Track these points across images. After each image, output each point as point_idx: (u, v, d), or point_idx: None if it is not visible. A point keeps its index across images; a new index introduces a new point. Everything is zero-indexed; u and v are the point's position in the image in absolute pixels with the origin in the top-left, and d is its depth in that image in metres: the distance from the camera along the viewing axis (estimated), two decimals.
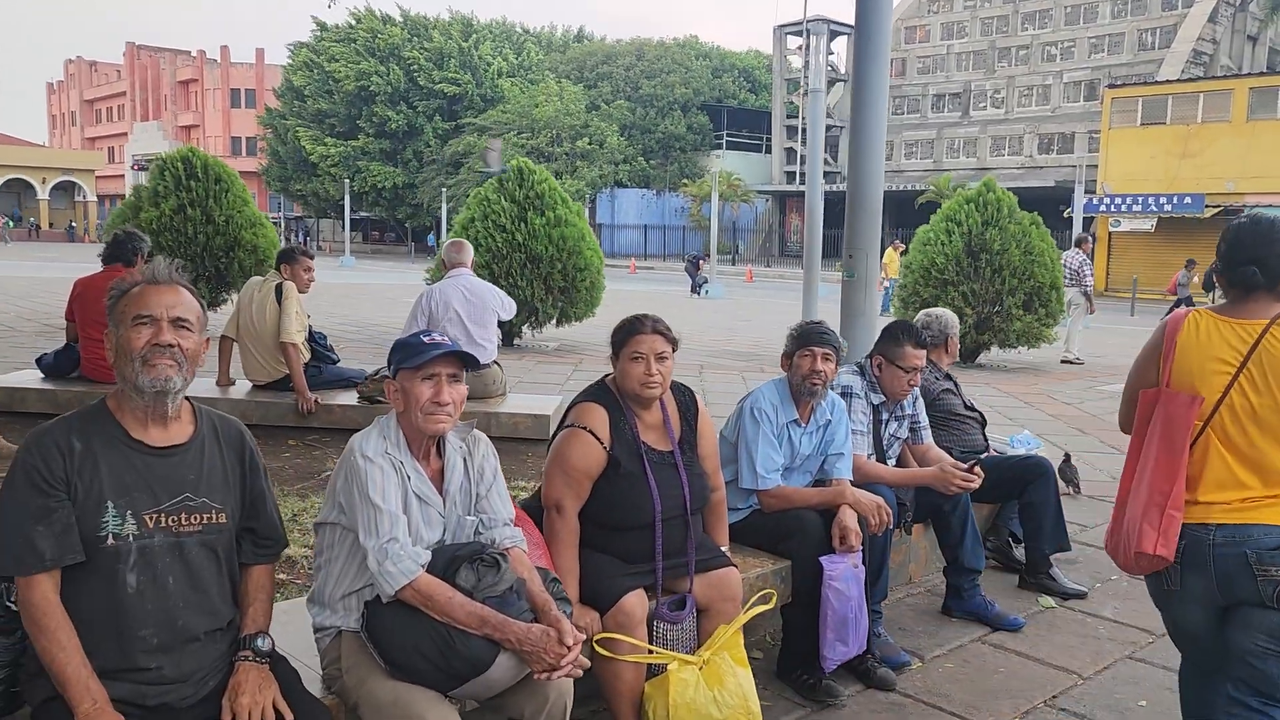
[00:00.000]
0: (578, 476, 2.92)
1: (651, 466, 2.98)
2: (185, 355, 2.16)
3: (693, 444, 3.15)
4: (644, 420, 3.05)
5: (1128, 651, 3.88)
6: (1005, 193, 12.04)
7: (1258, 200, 29.65)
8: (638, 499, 2.94)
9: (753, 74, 58.26)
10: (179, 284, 2.23)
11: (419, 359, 2.42)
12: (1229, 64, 42.61)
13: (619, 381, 3.04)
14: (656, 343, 2.97)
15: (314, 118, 52.25)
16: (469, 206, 12.10)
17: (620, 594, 2.83)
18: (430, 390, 2.41)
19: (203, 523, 2.20)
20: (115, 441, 2.15)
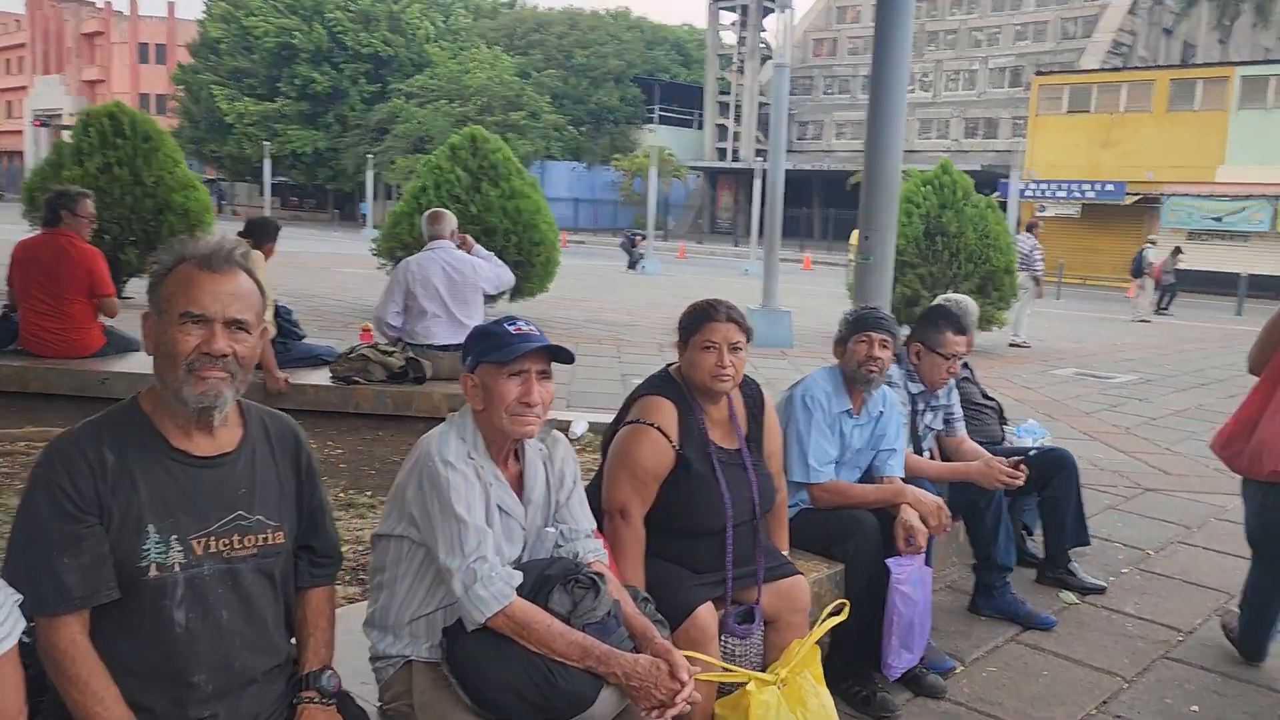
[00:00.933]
0: (646, 479, 2.66)
1: (721, 467, 2.73)
2: (240, 364, 1.81)
3: (759, 441, 2.92)
4: (711, 416, 2.80)
5: (1162, 651, 3.79)
6: (962, 175, 12.06)
7: (1174, 189, 30.64)
8: (709, 502, 2.70)
9: (685, 48, 57.93)
10: (238, 269, 1.84)
11: (506, 353, 2.10)
12: (1145, 55, 43.84)
13: (687, 372, 2.77)
14: (731, 331, 2.72)
15: (231, 75, 50.08)
16: (419, 174, 11.61)
17: (693, 606, 2.58)
18: (518, 389, 2.11)
19: (258, 544, 1.87)
20: (154, 452, 1.79)
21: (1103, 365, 11.86)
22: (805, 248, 39.29)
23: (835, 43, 53.65)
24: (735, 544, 2.73)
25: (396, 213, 11.50)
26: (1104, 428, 8.04)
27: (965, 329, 3.84)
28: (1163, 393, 10.01)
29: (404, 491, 2.15)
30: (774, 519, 3.02)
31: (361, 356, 5.53)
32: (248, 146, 49.55)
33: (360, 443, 5.07)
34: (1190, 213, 30.41)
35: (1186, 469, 6.74)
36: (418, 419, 5.56)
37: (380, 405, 5.50)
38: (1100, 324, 18.05)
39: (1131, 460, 6.92)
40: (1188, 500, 5.92)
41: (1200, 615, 4.14)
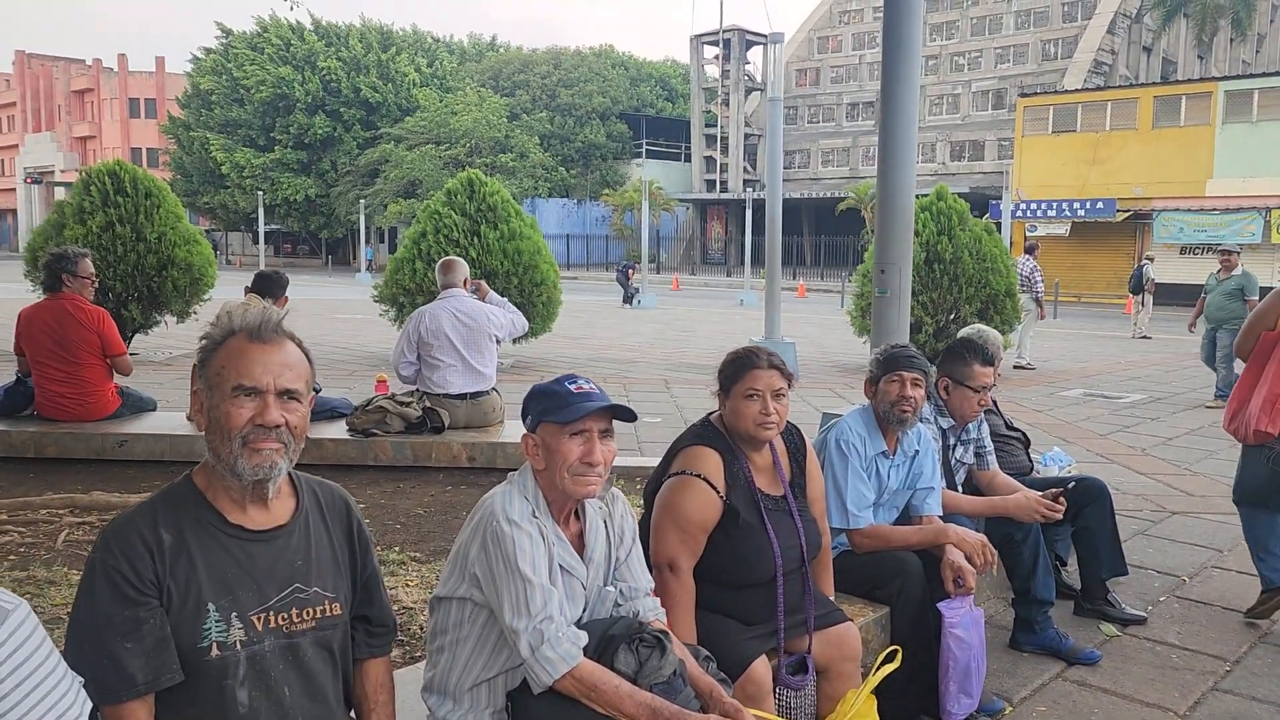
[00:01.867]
0: (694, 531, 2.62)
1: (768, 515, 2.70)
2: (293, 434, 1.80)
3: (803, 487, 2.89)
4: (755, 463, 2.78)
5: (1211, 683, 3.73)
6: (957, 200, 12.08)
7: (1164, 204, 30.83)
8: (758, 552, 2.66)
9: (669, 83, 58.49)
10: (286, 339, 1.84)
11: (569, 413, 2.08)
12: (1126, 74, 44.31)
13: (729, 421, 2.76)
14: (774, 379, 2.72)
15: (223, 126, 50.42)
16: (419, 220, 11.62)
17: (748, 660, 2.53)
18: (581, 448, 2.09)
19: (317, 617, 1.84)
20: (210, 528, 1.78)
21: (1110, 385, 11.84)
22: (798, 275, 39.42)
23: (818, 72, 54.19)
24: (785, 593, 2.68)
25: (398, 259, 11.50)
26: (1120, 450, 8.00)
27: (992, 360, 3.81)
28: (1174, 411, 9.99)
29: (467, 552, 2.11)
30: (819, 565, 2.97)
31: (379, 408, 5.48)
32: (240, 196, 49.77)
33: (382, 496, 5.00)
34: (1181, 227, 30.57)
35: (1209, 489, 6.69)
36: (438, 469, 5.51)
37: (400, 457, 5.45)
38: (1101, 342, 18.05)
39: (1154, 483, 6.88)
40: (1215, 522, 5.87)
41: (1245, 643, 4.08)
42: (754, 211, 27.60)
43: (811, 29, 55.20)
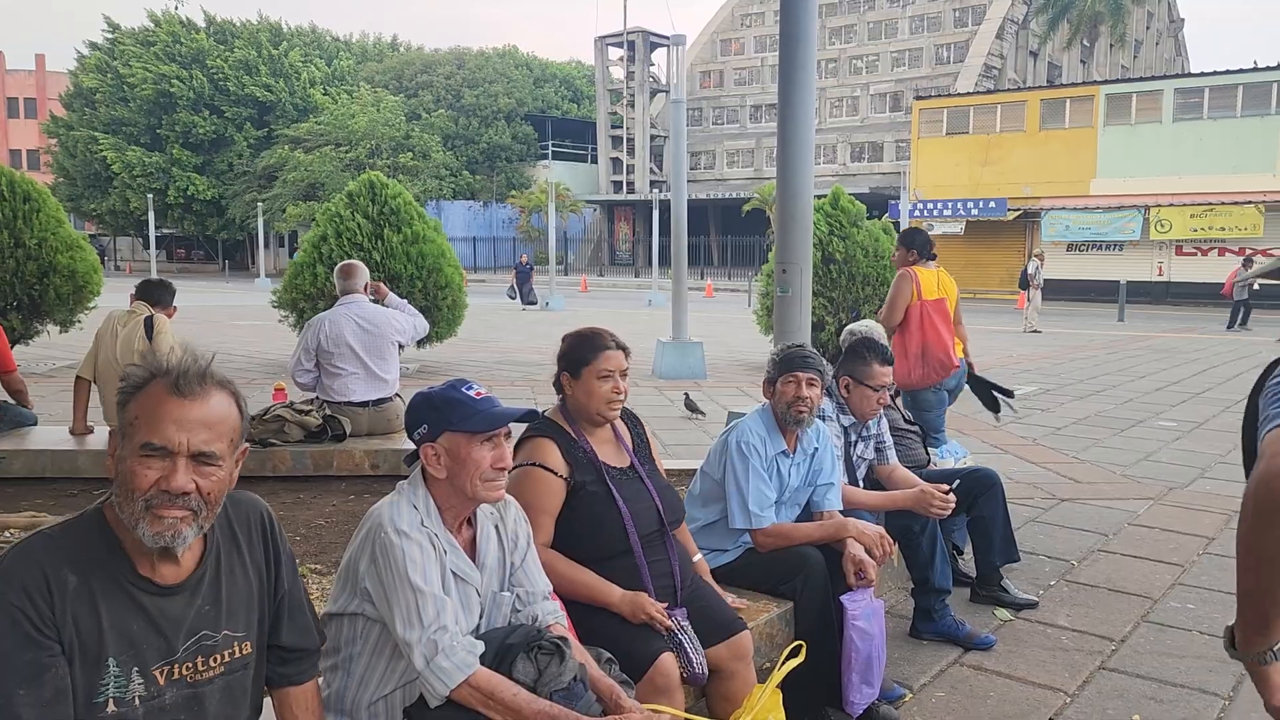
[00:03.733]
0: (540, 517, 2.65)
1: (615, 483, 2.77)
2: (206, 500, 1.63)
3: (648, 456, 2.98)
4: (596, 438, 2.86)
5: (1099, 662, 3.89)
6: (851, 200, 12.35)
7: (1051, 203, 32.09)
8: (608, 518, 2.72)
9: (574, 84, 58.43)
10: (213, 390, 1.65)
11: (483, 423, 2.07)
12: (1015, 77, 46.00)
13: (580, 401, 2.81)
14: (622, 359, 2.83)
15: (108, 126, 48.39)
16: (318, 223, 11.36)
17: (654, 656, 2.53)
18: (492, 454, 2.08)
19: (225, 661, 1.73)
20: (118, 576, 1.62)
21: (1004, 378, 12.20)
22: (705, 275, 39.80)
23: (721, 74, 54.85)
24: (649, 559, 2.74)
25: (297, 263, 11.22)
26: (1013, 440, 8.30)
27: (890, 360, 3.91)
28: (1062, 402, 10.40)
29: (356, 565, 2.07)
30: (684, 532, 3.06)
31: (277, 417, 5.33)
32: (131, 199, 47.87)
33: (281, 507, 4.87)
34: (1067, 225, 31.85)
35: (1097, 476, 6.99)
36: (339, 478, 5.39)
37: (300, 467, 5.32)
38: (995, 337, 18.67)
39: (1044, 471, 7.15)
40: (1102, 508, 6.13)
41: (1129, 622, 4.27)
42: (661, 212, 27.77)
43: (715, 31, 55.85)
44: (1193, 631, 4.18)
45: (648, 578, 2.70)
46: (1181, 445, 8.15)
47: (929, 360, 5.75)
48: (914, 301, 5.85)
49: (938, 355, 5.75)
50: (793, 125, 4.79)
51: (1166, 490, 6.59)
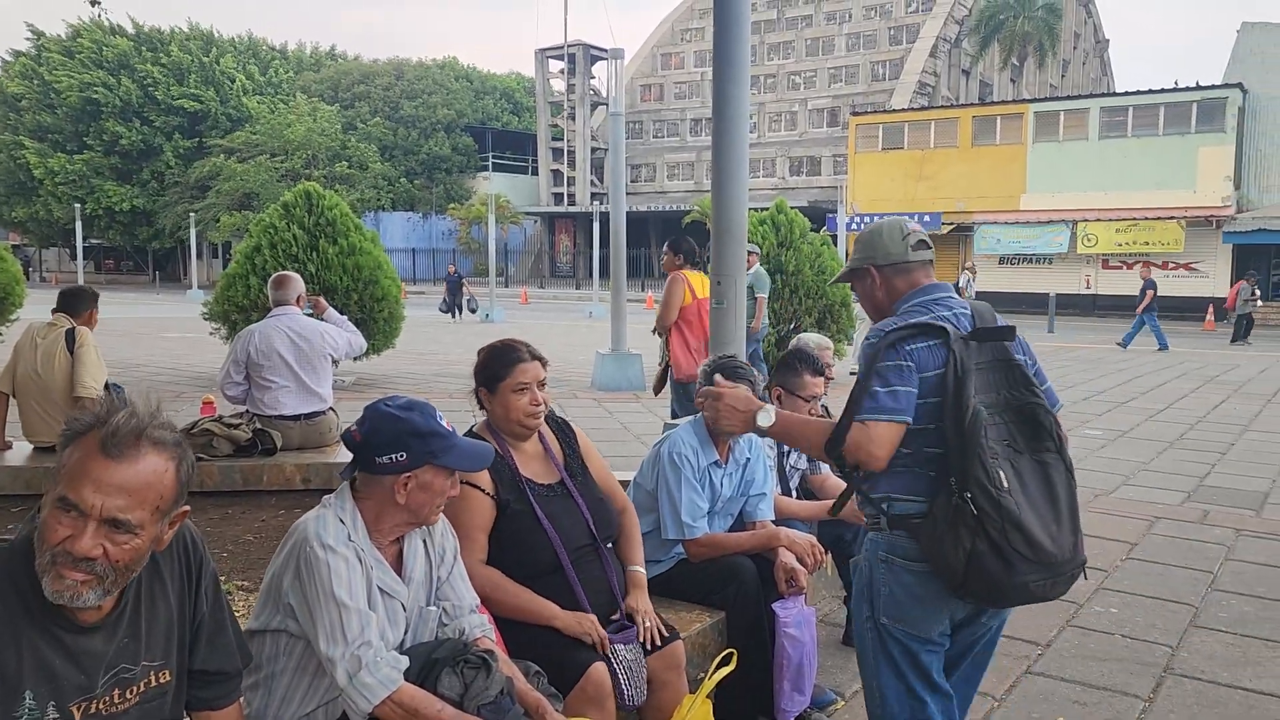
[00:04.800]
0: (472, 533, 2.62)
1: (539, 501, 2.74)
2: (115, 566, 1.54)
3: (581, 467, 2.95)
4: (523, 453, 2.83)
5: (1025, 666, 3.97)
6: (797, 214, 12.52)
7: (983, 217, 32.82)
8: (533, 539, 2.69)
9: (514, 96, 58.31)
10: (147, 452, 1.56)
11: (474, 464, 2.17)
12: (948, 94, 47.04)
13: (499, 416, 2.79)
14: (538, 369, 2.81)
15: (33, 132, 47.04)
16: (252, 234, 11.16)
17: (584, 666, 2.51)
18: (450, 483, 2.14)
19: (141, 692, 1.68)
20: (39, 610, 1.57)
21: None
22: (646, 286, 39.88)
23: (662, 88, 55.18)
24: (582, 575, 2.72)
25: (230, 274, 11.01)
26: None
27: (822, 371, 3.96)
28: None
29: (280, 581, 2.03)
30: (625, 539, 3.01)
31: (205, 431, 5.22)
32: (56, 208, 46.57)
33: (209, 523, 4.77)
34: (999, 239, 32.62)
35: None
36: (270, 492, 5.29)
37: (228, 481, 5.20)
38: None
39: None
40: None
41: (1054, 627, 4.37)
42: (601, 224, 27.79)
43: (655, 46, 56.21)
44: (1115, 635, 4.29)
45: (581, 594, 2.68)
46: (1107, 453, 8.37)
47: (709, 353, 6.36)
48: (690, 301, 6.68)
49: None
50: (727, 139, 4.83)
51: (1092, 497, 6.76)
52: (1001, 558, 2.11)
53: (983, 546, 2.11)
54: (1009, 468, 2.14)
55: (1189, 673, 3.89)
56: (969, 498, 2.11)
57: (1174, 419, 10.22)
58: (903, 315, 2.35)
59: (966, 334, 2.25)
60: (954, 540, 2.13)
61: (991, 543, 2.11)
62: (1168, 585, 4.92)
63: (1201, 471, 7.64)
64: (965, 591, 2.19)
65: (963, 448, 2.13)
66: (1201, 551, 5.50)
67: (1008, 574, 2.12)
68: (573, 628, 2.57)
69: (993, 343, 2.26)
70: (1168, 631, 4.32)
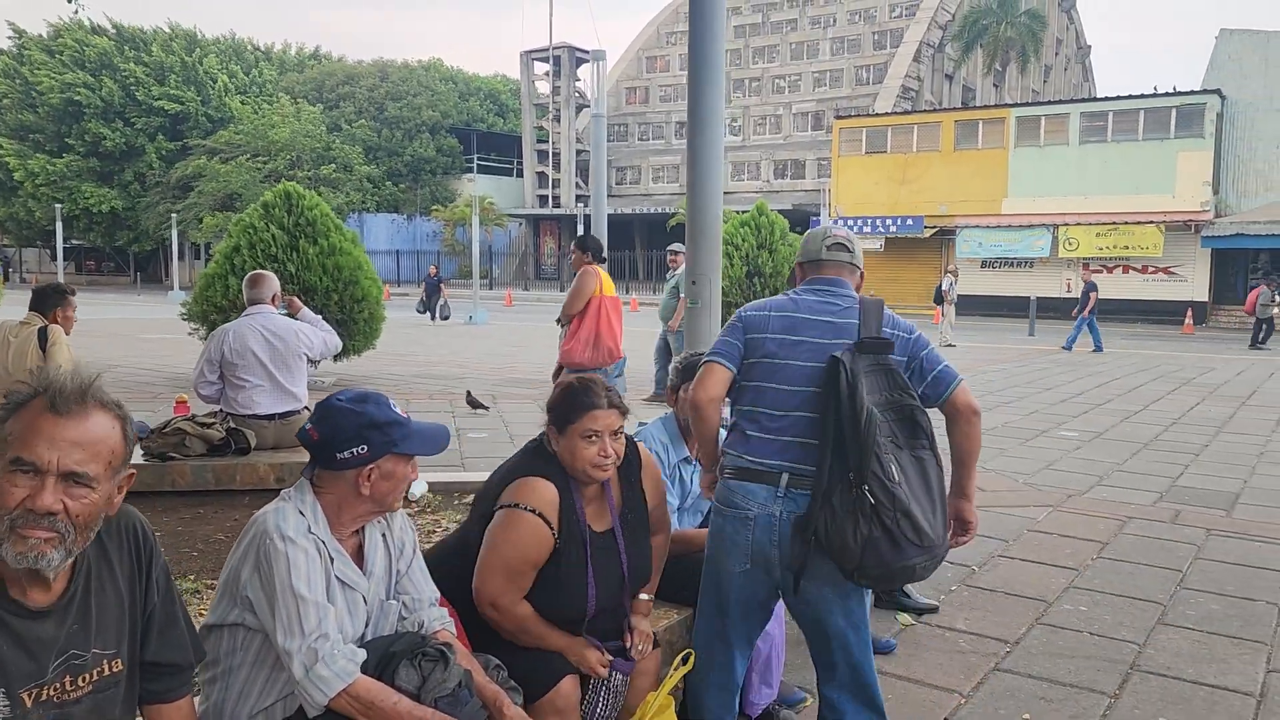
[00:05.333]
0: (524, 569, 2.51)
1: (592, 552, 2.62)
2: (75, 522, 1.57)
3: (639, 509, 2.80)
4: (586, 495, 2.67)
5: (993, 664, 4.00)
6: (777, 216, 12.58)
7: (965, 221, 33.01)
8: (575, 592, 2.58)
9: (500, 98, 58.29)
10: (93, 409, 1.60)
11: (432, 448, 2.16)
12: (931, 99, 47.29)
13: (565, 459, 2.62)
14: (613, 419, 2.62)
15: (14, 131, 46.75)
16: (231, 234, 11.11)
17: (557, 678, 2.49)
18: (410, 468, 2.15)
19: (93, 680, 1.68)
20: None
21: None
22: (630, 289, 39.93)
23: (647, 90, 55.25)
24: (599, 626, 2.66)
25: (208, 275, 10.96)
26: None
27: None
28: None
29: (238, 574, 2.04)
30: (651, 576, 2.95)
31: (178, 430, 5.20)
32: (36, 209, 46.32)
33: (180, 523, 4.75)
34: (980, 242, 32.82)
35: (1001, 485, 7.19)
36: (243, 492, 5.28)
37: (200, 481, 5.18)
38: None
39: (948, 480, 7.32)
40: (1003, 515, 6.31)
41: (1023, 625, 4.40)
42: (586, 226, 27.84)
43: (641, 49, 56.29)
44: (1083, 632, 4.32)
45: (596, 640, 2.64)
46: (1081, 454, 8.44)
47: (600, 347, 6.88)
48: (595, 295, 6.97)
49: (607, 344, 6.95)
50: (702, 140, 4.87)
51: (1066, 497, 6.81)
52: (893, 542, 2.41)
53: (878, 533, 2.40)
54: (894, 462, 2.42)
55: (1155, 670, 3.93)
56: (867, 490, 2.39)
57: (1149, 420, 10.30)
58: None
59: (854, 345, 2.59)
60: (853, 528, 2.41)
61: (885, 529, 2.40)
62: (1137, 584, 4.96)
63: (1175, 472, 7.70)
64: (861, 574, 2.49)
65: (860, 446, 2.39)
66: (1172, 551, 5.55)
67: (897, 556, 2.42)
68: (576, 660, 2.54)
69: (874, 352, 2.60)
70: (1136, 629, 4.36)
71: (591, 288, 6.96)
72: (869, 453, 2.38)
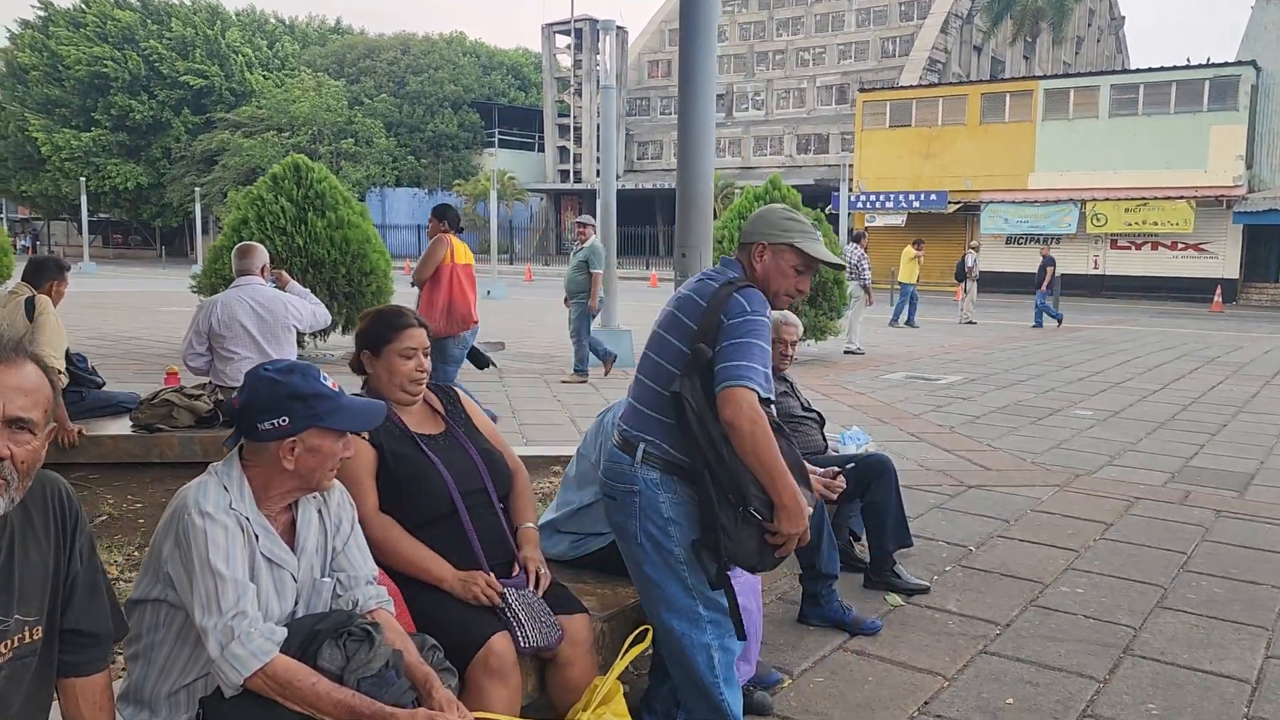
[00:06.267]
0: (360, 479, 2.57)
1: (429, 447, 2.71)
2: (18, 469, 1.59)
3: (466, 422, 2.92)
4: (407, 411, 2.80)
5: (980, 646, 3.90)
6: (790, 190, 12.37)
7: (991, 196, 32.52)
8: (426, 482, 2.64)
9: (522, 72, 57.96)
10: (26, 360, 1.64)
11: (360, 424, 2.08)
12: (959, 71, 46.53)
13: (381, 380, 2.77)
14: (423, 336, 2.79)
15: (41, 105, 47.09)
16: (240, 206, 11.10)
17: (485, 637, 2.41)
18: (342, 445, 2.07)
19: (15, 647, 1.65)
20: None
21: (932, 367, 12.38)
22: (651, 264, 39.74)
23: (669, 64, 54.62)
24: (477, 526, 2.67)
25: (217, 247, 10.98)
26: (930, 428, 8.36)
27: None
28: (985, 391, 10.51)
29: (160, 549, 1.98)
30: (516, 497, 2.93)
31: (165, 402, 5.17)
32: (64, 183, 46.70)
33: (164, 494, 4.73)
34: (1006, 218, 32.33)
35: (1007, 464, 7.05)
36: None
37: (188, 453, 5.15)
38: (931, 328, 18.89)
39: (956, 459, 7.20)
40: (1008, 494, 6.19)
41: (1016, 607, 4.29)
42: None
43: (663, 21, 55.70)
44: (1078, 615, 4.21)
45: (476, 543, 2.64)
46: (1094, 433, 8.27)
47: (453, 315, 7.03)
48: (447, 263, 7.09)
49: (461, 311, 7.08)
50: (693, 107, 4.73)
51: (1073, 477, 6.67)
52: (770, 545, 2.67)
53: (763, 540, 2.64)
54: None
55: (1149, 654, 3.82)
56: (753, 509, 2.58)
57: (1168, 400, 10.10)
58: None
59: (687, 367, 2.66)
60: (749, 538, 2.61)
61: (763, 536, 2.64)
62: (1139, 566, 4.83)
63: (1189, 452, 7.53)
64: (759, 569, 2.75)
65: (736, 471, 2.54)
66: (1178, 532, 5.41)
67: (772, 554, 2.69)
68: (461, 592, 2.51)
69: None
70: (1133, 612, 4.24)
71: (440, 255, 7.09)
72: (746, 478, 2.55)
